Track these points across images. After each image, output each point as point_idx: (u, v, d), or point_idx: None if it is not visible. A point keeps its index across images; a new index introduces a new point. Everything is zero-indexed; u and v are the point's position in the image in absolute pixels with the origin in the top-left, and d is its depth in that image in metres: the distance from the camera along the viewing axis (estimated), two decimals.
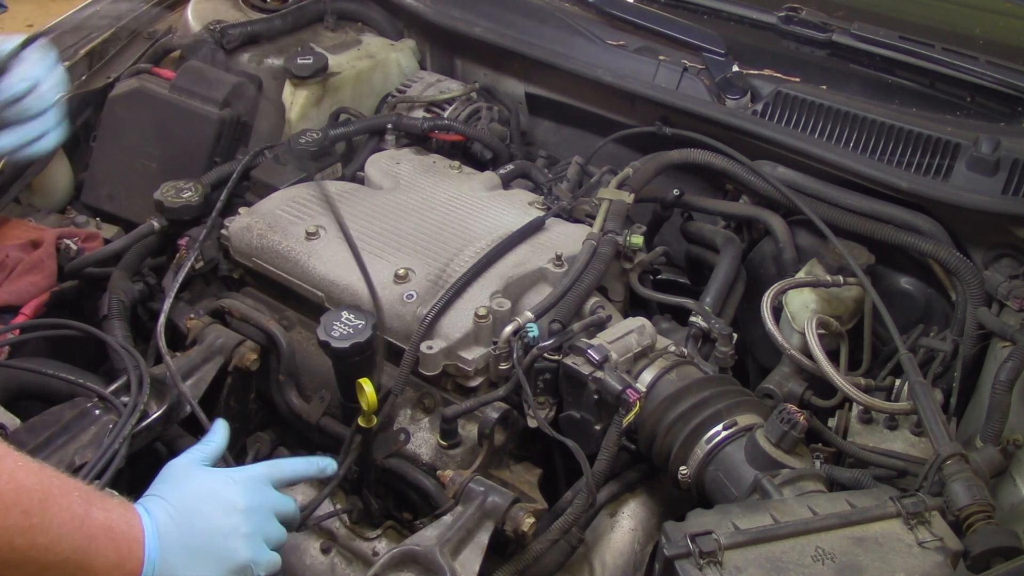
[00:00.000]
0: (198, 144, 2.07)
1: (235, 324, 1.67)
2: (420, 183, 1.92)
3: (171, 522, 1.16)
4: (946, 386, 1.71)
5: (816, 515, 1.23)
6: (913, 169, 1.83)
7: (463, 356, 1.52)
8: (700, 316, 1.70)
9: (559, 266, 1.66)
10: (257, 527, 1.21)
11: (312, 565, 1.51)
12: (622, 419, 1.39)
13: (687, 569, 1.16)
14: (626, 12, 2.19)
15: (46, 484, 1.05)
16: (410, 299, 1.58)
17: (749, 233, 2.04)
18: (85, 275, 1.85)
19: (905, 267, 1.91)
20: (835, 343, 1.77)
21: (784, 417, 1.37)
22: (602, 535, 1.48)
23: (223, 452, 1.34)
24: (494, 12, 2.27)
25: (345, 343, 1.37)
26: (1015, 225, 1.76)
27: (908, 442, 1.62)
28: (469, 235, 1.73)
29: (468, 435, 1.51)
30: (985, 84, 1.92)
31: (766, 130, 1.93)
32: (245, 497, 1.22)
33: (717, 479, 1.41)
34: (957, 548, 1.21)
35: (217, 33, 2.19)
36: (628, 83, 2.06)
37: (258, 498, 1.24)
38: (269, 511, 1.24)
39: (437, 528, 1.31)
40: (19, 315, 1.75)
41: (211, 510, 1.19)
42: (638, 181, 1.90)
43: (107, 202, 2.12)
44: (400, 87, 2.32)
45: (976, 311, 1.72)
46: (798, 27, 2.10)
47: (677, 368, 1.54)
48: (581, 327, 1.54)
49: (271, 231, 1.73)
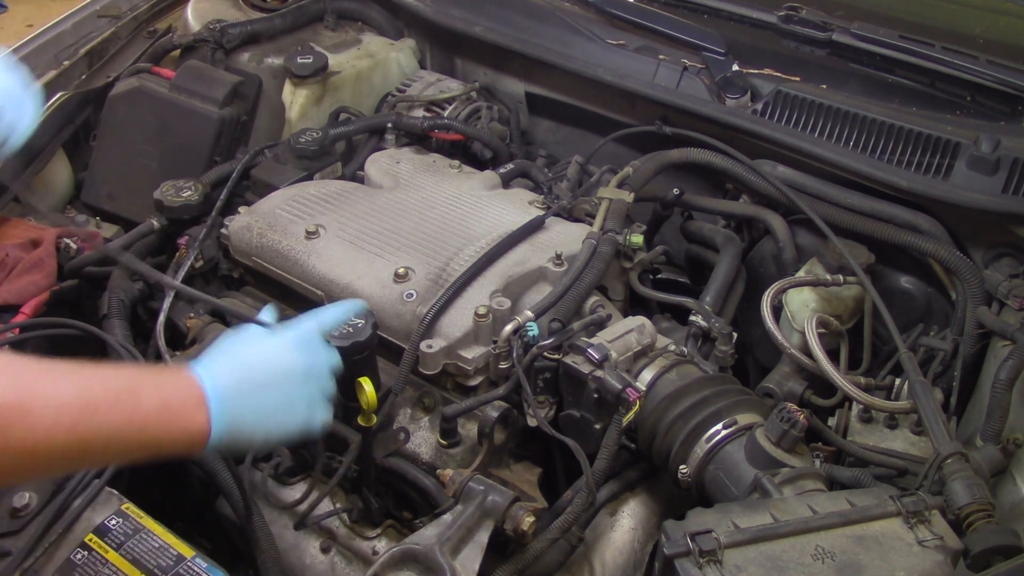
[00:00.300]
0: (198, 143, 2.08)
1: (235, 323, 1.67)
2: (420, 182, 1.92)
3: (232, 387, 1.13)
4: (946, 385, 1.71)
5: (816, 514, 1.23)
6: (913, 168, 1.83)
7: (463, 355, 1.52)
8: (700, 315, 1.70)
9: (559, 265, 1.66)
10: (316, 386, 1.21)
11: (312, 564, 1.51)
12: (622, 418, 1.39)
13: (687, 568, 1.16)
14: (626, 11, 2.19)
15: (87, 394, 1.03)
16: (410, 298, 1.58)
17: (749, 232, 2.04)
18: (85, 274, 1.85)
19: (905, 266, 1.91)
20: (835, 342, 1.77)
21: (784, 416, 1.37)
22: (602, 534, 1.48)
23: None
24: (494, 11, 2.27)
25: (345, 342, 1.37)
26: (1015, 224, 1.76)
27: (908, 441, 1.62)
28: (469, 234, 1.73)
29: (468, 434, 1.51)
30: (985, 83, 1.92)
31: (766, 129, 1.93)
32: (303, 358, 1.21)
33: (717, 478, 1.41)
34: (957, 547, 1.21)
35: (217, 32, 2.19)
36: (628, 82, 2.06)
37: (313, 357, 1.23)
38: (323, 367, 1.24)
39: (437, 527, 1.31)
40: (19, 314, 1.75)
41: (273, 375, 1.18)
42: (638, 180, 1.90)
43: (107, 201, 2.12)
44: (400, 86, 2.32)
45: (976, 310, 1.72)
46: (798, 26, 2.09)
47: (677, 367, 1.54)
48: (581, 326, 1.54)
49: (271, 230, 1.73)
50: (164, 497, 1.66)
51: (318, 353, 1.24)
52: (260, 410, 1.15)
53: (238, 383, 1.14)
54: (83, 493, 1.36)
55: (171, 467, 1.60)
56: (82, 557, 1.31)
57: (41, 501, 1.33)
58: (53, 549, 1.31)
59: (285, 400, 1.17)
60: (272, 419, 1.16)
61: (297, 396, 1.19)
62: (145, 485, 1.57)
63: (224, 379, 1.12)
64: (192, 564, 1.31)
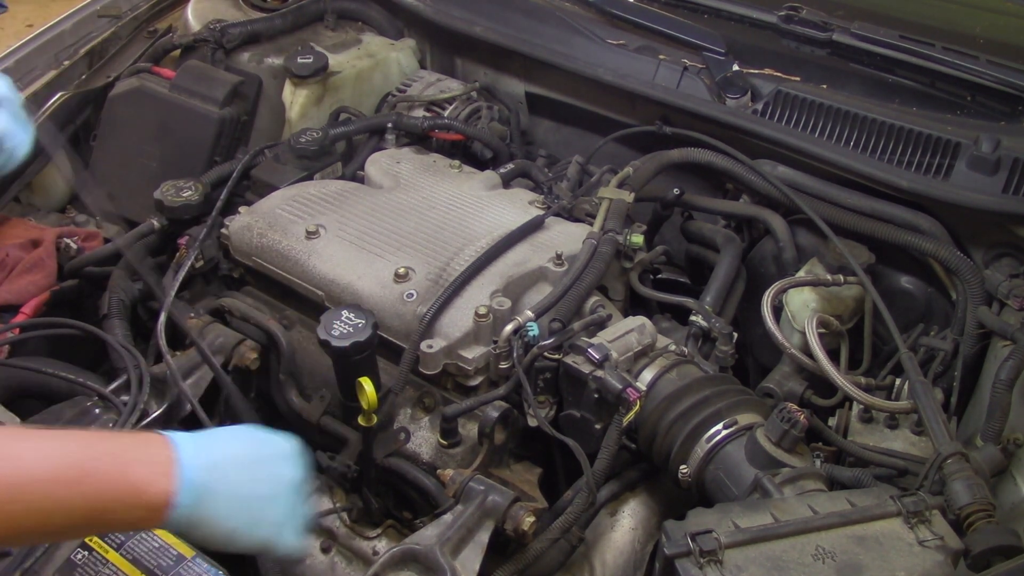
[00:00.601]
0: (198, 143, 2.07)
1: (235, 323, 1.67)
2: (420, 182, 1.92)
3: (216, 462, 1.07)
4: (946, 385, 1.71)
5: (816, 514, 1.23)
6: (913, 168, 1.83)
7: (463, 355, 1.52)
8: (700, 315, 1.70)
9: (559, 265, 1.66)
10: (299, 504, 1.14)
11: (312, 564, 1.51)
12: (622, 418, 1.39)
13: (687, 568, 1.16)
14: (626, 11, 2.19)
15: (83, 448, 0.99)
16: (410, 298, 1.58)
17: (749, 232, 2.04)
18: (85, 274, 1.85)
19: (905, 266, 1.91)
20: (835, 342, 1.77)
21: (784, 416, 1.37)
22: (602, 534, 1.48)
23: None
24: (494, 11, 2.27)
25: (345, 342, 1.37)
26: (1015, 224, 1.76)
27: (908, 441, 1.62)
28: (469, 234, 1.73)
29: (468, 434, 1.51)
30: (985, 83, 1.92)
31: (766, 129, 1.93)
32: (300, 472, 1.15)
33: (717, 478, 1.41)
34: (957, 547, 1.21)
35: (217, 32, 2.19)
36: (628, 82, 2.06)
37: (305, 478, 1.16)
38: (305, 493, 1.17)
39: (437, 527, 1.31)
40: (19, 314, 1.75)
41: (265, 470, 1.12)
42: (638, 180, 1.90)
43: (107, 201, 2.11)
44: (400, 86, 2.32)
45: (976, 310, 1.72)
46: (798, 26, 2.09)
47: (677, 367, 1.54)
48: (581, 326, 1.54)
49: (271, 230, 1.73)
50: None
51: (306, 473, 1.16)
52: (237, 497, 1.07)
53: (225, 462, 1.07)
54: None
55: None
56: (82, 557, 1.31)
57: None
58: (53, 549, 1.31)
59: (267, 498, 1.10)
60: (246, 514, 1.07)
61: (279, 501, 1.11)
62: None
63: (209, 454, 1.06)
64: (192, 564, 1.31)
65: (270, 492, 1.10)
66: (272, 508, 1.10)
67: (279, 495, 1.11)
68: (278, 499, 1.11)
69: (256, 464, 1.10)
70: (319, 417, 1.58)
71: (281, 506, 1.11)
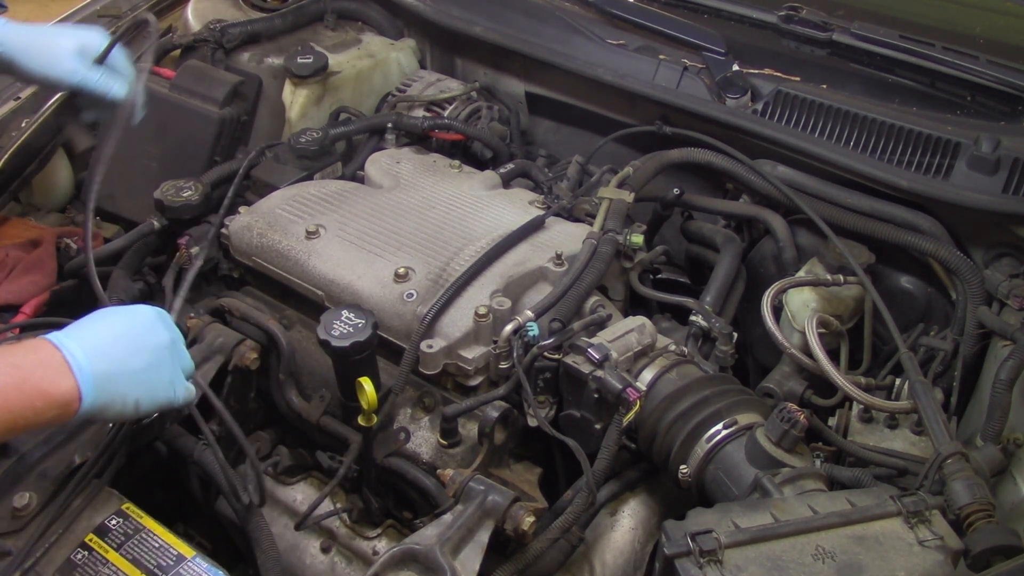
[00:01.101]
0: (198, 143, 2.07)
1: (235, 323, 1.67)
2: (420, 182, 1.92)
3: (101, 349, 1.18)
4: (946, 385, 1.71)
5: (816, 514, 1.23)
6: (913, 168, 1.83)
7: (463, 355, 1.52)
8: (700, 315, 1.70)
9: (559, 265, 1.66)
10: (178, 359, 1.28)
11: (312, 564, 1.51)
12: (622, 418, 1.39)
13: (687, 568, 1.16)
14: (626, 11, 2.19)
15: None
16: (410, 298, 1.58)
17: (749, 232, 2.04)
18: (85, 274, 1.85)
19: (905, 266, 1.91)
20: (835, 342, 1.77)
21: (784, 416, 1.37)
22: (602, 534, 1.48)
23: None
24: (494, 11, 2.27)
25: (345, 342, 1.37)
26: (1015, 224, 1.76)
27: (908, 441, 1.62)
28: (469, 234, 1.73)
29: (468, 434, 1.51)
30: (985, 83, 1.92)
31: (766, 129, 1.93)
32: (168, 331, 1.28)
33: (717, 478, 1.41)
34: (957, 547, 1.21)
35: (217, 32, 2.19)
36: (628, 82, 2.06)
37: (175, 333, 1.30)
38: (182, 344, 1.31)
39: (437, 527, 1.31)
40: (19, 314, 1.75)
41: (141, 341, 1.23)
42: (638, 180, 1.90)
43: (107, 201, 2.11)
44: (400, 86, 2.32)
45: (976, 310, 1.72)
46: (798, 26, 2.10)
47: (677, 367, 1.54)
48: (581, 326, 1.54)
49: (271, 230, 1.73)
50: (164, 497, 1.66)
51: (176, 331, 1.31)
52: (130, 372, 1.19)
53: (107, 346, 1.18)
54: (83, 493, 1.36)
55: (172, 467, 1.60)
56: (82, 557, 1.31)
57: (41, 501, 1.33)
58: (53, 549, 1.31)
59: (154, 364, 1.23)
60: (143, 383, 1.21)
61: (164, 363, 1.24)
62: (145, 485, 1.57)
63: (92, 342, 1.17)
64: (192, 564, 1.31)
65: (154, 358, 1.24)
66: (160, 371, 1.24)
67: (162, 358, 1.25)
68: (162, 361, 1.25)
69: (133, 338, 1.23)
70: (319, 417, 1.58)
71: (166, 366, 1.25)
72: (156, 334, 1.25)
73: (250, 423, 1.69)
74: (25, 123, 2.04)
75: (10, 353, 1.12)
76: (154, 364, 1.23)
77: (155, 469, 1.61)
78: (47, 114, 2.08)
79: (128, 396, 1.19)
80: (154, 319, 1.27)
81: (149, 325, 1.26)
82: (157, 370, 1.24)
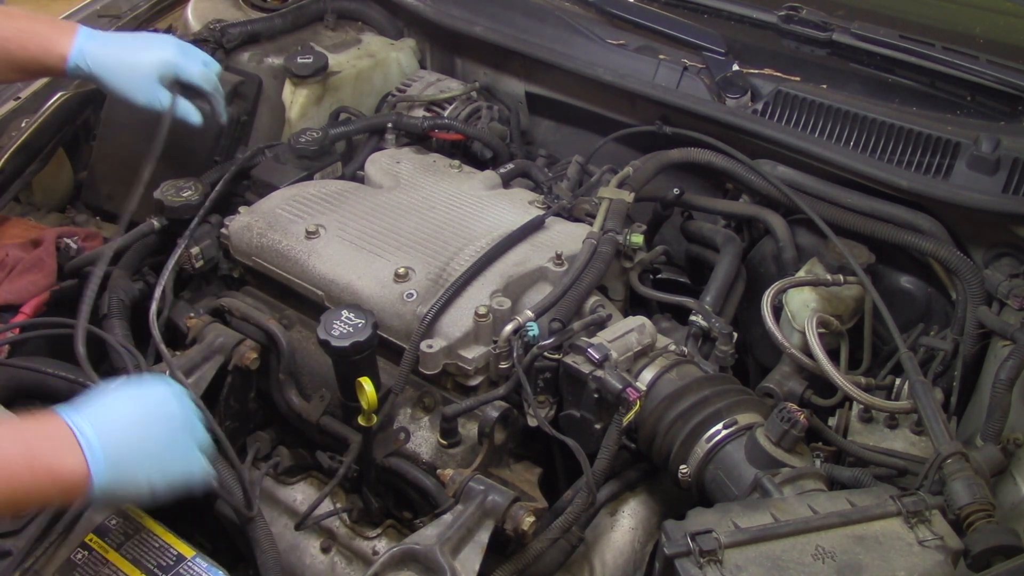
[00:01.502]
0: (198, 143, 2.07)
1: (235, 323, 1.67)
2: (420, 182, 1.92)
3: (112, 427, 1.16)
4: (946, 385, 1.71)
5: (816, 514, 1.23)
6: (913, 168, 1.83)
7: (463, 355, 1.52)
8: (700, 315, 1.70)
9: (559, 265, 1.66)
10: (193, 436, 1.26)
11: (312, 564, 1.51)
12: (622, 418, 1.39)
13: (687, 568, 1.16)
14: (626, 11, 2.19)
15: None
16: (410, 298, 1.58)
17: (749, 232, 2.04)
18: (85, 274, 1.85)
19: (905, 266, 1.91)
20: (835, 342, 1.77)
21: (784, 416, 1.37)
22: (602, 534, 1.48)
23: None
24: (494, 11, 2.27)
25: (345, 342, 1.37)
26: (1015, 224, 1.76)
27: (908, 441, 1.62)
28: (469, 234, 1.73)
29: (468, 434, 1.51)
30: (985, 83, 1.92)
31: (766, 129, 1.93)
32: (181, 407, 1.26)
33: (717, 478, 1.41)
34: (957, 547, 1.21)
35: (217, 32, 2.18)
36: (628, 82, 2.06)
37: (188, 408, 1.28)
38: (197, 420, 1.29)
39: (437, 527, 1.31)
40: (19, 314, 1.75)
41: (153, 417, 1.22)
42: (638, 180, 1.90)
43: (107, 201, 2.11)
44: (400, 86, 2.32)
45: (976, 310, 1.72)
46: (798, 26, 2.09)
47: (677, 367, 1.54)
48: (581, 326, 1.54)
49: (271, 230, 1.73)
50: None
51: (190, 406, 1.28)
52: (143, 451, 1.17)
53: (118, 423, 1.16)
54: None
55: None
56: (82, 557, 1.31)
57: None
58: (53, 549, 1.31)
59: (168, 443, 1.20)
60: (156, 462, 1.18)
61: (179, 441, 1.22)
62: None
63: (103, 419, 1.14)
64: (192, 564, 1.31)
65: (167, 437, 1.21)
66: (173, 450, 1.22)
67: (176, 436, 1.22)
68: (176, 440, 1.22)
69: (145, 415, 1.20)
70: (319, 417, 1.58)
71: (181, 445, 1.23)
72: (169, 412, 1.24)
73: (250, 423, 1.69)
74: (25, 123, 2.04)
75: (22, 429, 1.12)
76: (168, 444, 1.21)
77: None
78: (47, 114, 2.08)
79: (141, 477, 1.17)
80: (167, 396, 1.26)
81: (162, 402, 1.24)
82: (171, 449, 1.22)
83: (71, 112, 2.16)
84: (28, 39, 1.68)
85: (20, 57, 1.68)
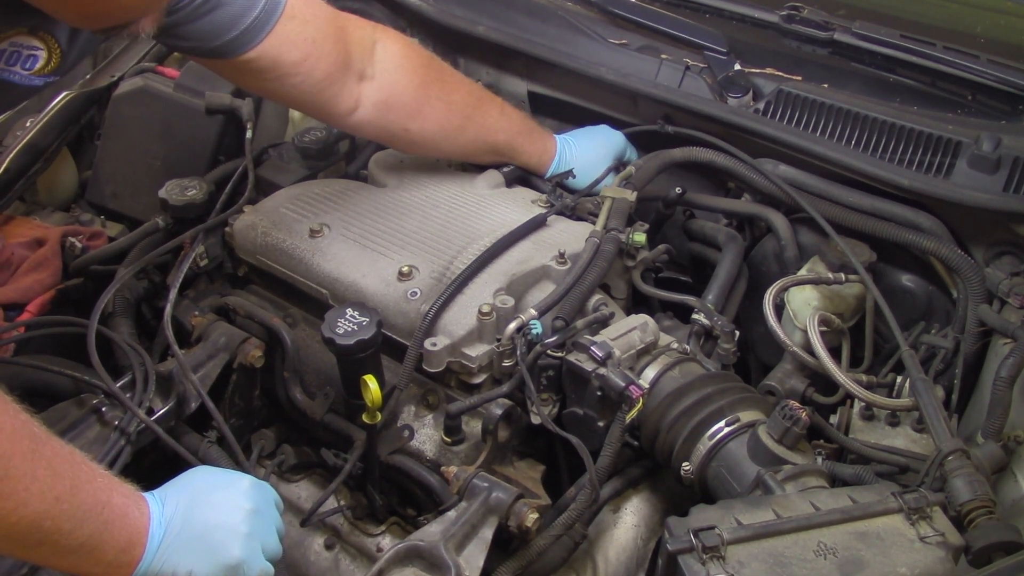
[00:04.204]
0: (202, 142, 2.08)
1: (240, 321, 1.68)
2: (423, 181, 1.93)
3: (176, 513, 1.18)
4: (947, 383, 1.71)
5: (818, 510, 1.24)
6: (914, 167, 1.83)
7: (467, 353, 1.53)
8: (702, 313, 1.71)
9: (562, 263, 1.67)
10: (257, 530, 1.23)
11: (316, 561, 1.52)
12: (625, 415, 1.40)
13: (690, 564, 1.16)
14: (628, 11, 2.19)
15: (77, 471, 1.08)
16: (414, 296, 1.58)
17: (751, 231, 2.04)
18: (90, 273, 1.86)
19: (906, 264, 1.91)
20: (837, 340, 1.78)
21: (786, 413, 1.37)
22: (605, 531, 1.49)
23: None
24: (497, 11, 2.27)
25: (349, 340, 1.38)
26: (1016, 222, 1.76)
27: (910, 438, 1.63)
28: (472, 233, 1.74)
29: (472, 431, 1.52)
30: (986, 82, 1.92)
31: (768, 128, 1.93)
32: (251, 500, 1.24)
33: (720, 475, 1.42)
34: (959, 543, 1.22)
35: None
36: (630, 81, 2.06)
37: (264, 504, 1.26)
38: (271, 520, 1.27)
39: (441, 524, 1.32)
40: (24, 312, 1.76)
41: (216, 504, 1.21)
42: (640, 179, 1.91)
43: (112, 200, 2.12)
44: None
45: (977, 308, 1.72)
46: (800, 26, 2.10)
47: (680, 365, 1.55)
48: (584, 324, 1.55)
49: (275, 229, 1.74)
50: None
51: (268, 504, 1.29)
52: (191, 536, 1.18)
53: (182, 511, 1.19)
54: None
55: (171, 466, 1.61)
56: None
57: None
58: None
59: (219, 533, 1.20)
60: (203, 548, 1.19)
61: (233, 533, 1.21)
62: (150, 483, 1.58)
63: (170, 507, 1.19)
64: None
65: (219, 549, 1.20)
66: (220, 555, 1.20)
67: (228, 551, 1.20)
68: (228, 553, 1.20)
69: (207, 525, 1.20)
70: (323, 415, 1.59)
71: (232, 555, 1.20)
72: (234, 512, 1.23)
73: (254, 421, 1.70)
74: (30, 123, 2.05)
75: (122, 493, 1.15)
76: (218, 547, 1.20)
77: (160, 467, 1.61)
78: (52, 114, 2.09)
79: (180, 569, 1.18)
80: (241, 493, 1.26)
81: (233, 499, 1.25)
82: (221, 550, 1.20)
83: (76, 112, 2.17)
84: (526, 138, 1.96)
85: (506, 152, 1.95)
